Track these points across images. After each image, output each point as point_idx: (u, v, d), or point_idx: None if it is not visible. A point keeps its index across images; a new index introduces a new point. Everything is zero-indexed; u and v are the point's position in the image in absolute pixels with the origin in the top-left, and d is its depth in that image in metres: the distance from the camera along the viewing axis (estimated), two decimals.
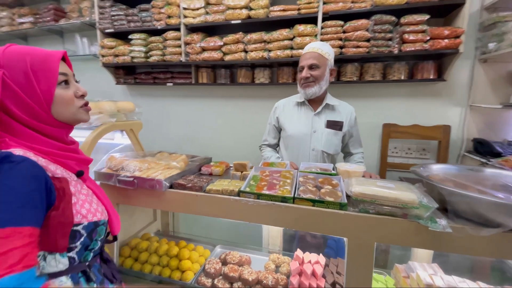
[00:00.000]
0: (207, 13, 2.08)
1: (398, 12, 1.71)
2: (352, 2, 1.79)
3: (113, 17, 2.33)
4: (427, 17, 1.65)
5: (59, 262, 0.66)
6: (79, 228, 0.67)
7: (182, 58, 2.19)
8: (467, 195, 0.77)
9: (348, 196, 0.95)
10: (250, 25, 2.04)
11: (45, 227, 0.61)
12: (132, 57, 2.34)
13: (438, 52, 1.68)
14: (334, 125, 1.48)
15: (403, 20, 1.70)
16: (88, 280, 0.71)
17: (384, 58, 1.94)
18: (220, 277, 1.13)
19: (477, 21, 1.80)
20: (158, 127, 2.68)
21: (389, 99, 2.05)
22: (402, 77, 1.89)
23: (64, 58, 0.74)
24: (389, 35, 1.75)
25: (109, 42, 2.39)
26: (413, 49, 1.69)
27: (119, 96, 2.78)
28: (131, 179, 1.10)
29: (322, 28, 1.86)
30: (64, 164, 0.71)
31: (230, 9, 2.00)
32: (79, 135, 1.26)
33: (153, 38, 2.27)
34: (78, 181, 0.75)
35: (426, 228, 0.80)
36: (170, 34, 2.19)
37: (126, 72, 2.60)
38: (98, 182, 1.17)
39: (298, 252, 1.18)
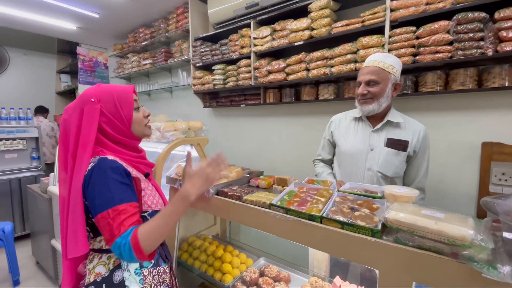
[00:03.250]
0: (273, 39, 2.26)
1: (489, 6, 1.38)
2: (427, 4, 1.58)
3: (201, 53, 2.84)
4: None
5: None
6: (146, 214, 0.91)
7: (252, 82, 2.43)
8: None
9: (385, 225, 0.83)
10: (313, 44, 2.08)
11: None
12: (214, 85, 2.76)
13: None
14: (396, 144, 1.30)
15: (498, 15, 1.36)
16: None
17: (479, 62, 1.58)
18: (255, 286, 1.17)
19: None
20: (235, 143, 3.00)
21: (489, 111, 1.62)
22: (507, 84, 1.48)
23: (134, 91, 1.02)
24: (480, 34, 1.42)
25: (198, 73, 2.90)
26: None
27: (205, 117, 3.29)
28: None
29: (389, 37, 1.70)
30: (137, 167, 0.99)
31: (293, 32, 2.11)
32: (160, 147, 1.61)
33: (229, 67, 2.62)
34: (146, 180, 1.01)
35: (480, 275, 0.62)
36: (243, 62, 2.48)
37: (211, 97, 3.07)
38: (168, 185, 1.45)
39: (337, 280, 1.08)
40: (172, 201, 0.85)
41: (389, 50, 1.71)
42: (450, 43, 1.53)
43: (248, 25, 2.41)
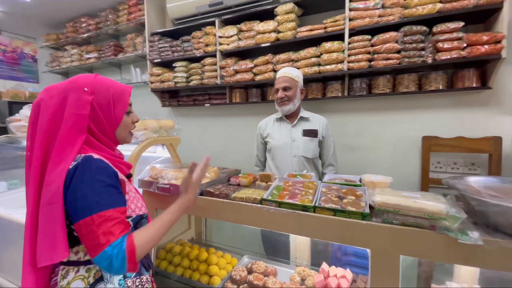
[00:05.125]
0: (239, 39, 2.28)
1: (429, 21, 1.66)
2: (380, 16, 1.80)
3: (160, 49, 2.68)
4: (461, 24, 1.58)
5: None
6: (129, 220, 0.82)
7: (218, 81, 2.40)
8: (500, 205, 0.71)
9: (372, 207, 0.93)
10: (278, 47, 2.16)
11: None
12: (176, 82, 2.63)
13: (479, 59, 1.57)
14: (310, 133, 1.70)
15: (436, 29, 1.64)
16: None
17: (419, 69, 1.87)
18: (245, 284, 1.16)
19: None
20: (197, 144, 2.90)
21: (427, 110, 1.93)
22: (441, 87, 1.79)
23: None
24: (421, 45, 1.69)
25: (156, 70, 2.73)
26: (449, 57, 1.61)
27: (164, 117, 3.10)
28: (168, 186, 1.23)
29: (349, 43, 1.89)
30: (119, 168, 0.89)
31: (260, 34, 2.16)
32: (127, 148, 1.47)
33: (193, 65, 2.54)
34: (128, 182, 0.91)
35: (456, 241, 0.75)
36: (208, 60, 2.43)
37: (171, 96, 2.91)
38: (140, 189, 1.33)
39: (324, 266, 1.15)
40: (173, 209, 0.85)
41: (349, 55, 1.90)
42: (398, 51, 1.78)
43: (212, 23, 2.37)
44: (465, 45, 1.57)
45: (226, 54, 2.40)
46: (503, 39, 1.50)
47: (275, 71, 2.17)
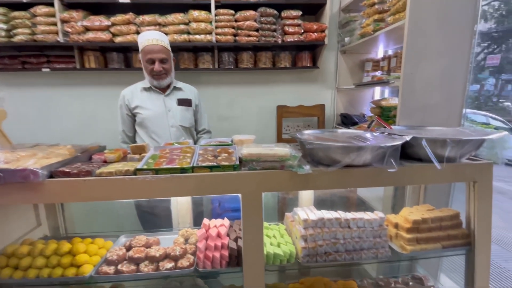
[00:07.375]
0: None
1: (279, 6, 1.98)
2: None
3: None
4: (300, 13, 1.99)
5: None
6: None
7: (60, 38, 1.89)
8: (320, 144, 1.02)
9: (241, 160, 1.09)
10: (141, 6, 1.94)
11: None
12: None
13: (311, 44, 2.05)
14: (185, 102, 1.70)
15: (283, 14, 1.99)
16: None
17: (272, 48, 2.22)
18: (125, 262, 1.10)
19: (337, 19, 2.29)
20: (35, 122, 2.23)
21: (280, 84, 2.36)
22: (288, 65, 2.21)
23: None
24: (273, 26, 2.01)
25: None
26: (292, 40, 2.01)
27: None
28: None
29: (215, 15, 1.96)
30: None
31: None
32: None
33: (17, 13, 1.86)
34: None
35: (297, 174, 1.02)
36: (41, 9, 1.84)
37: None
38: None
39: (205, 221, 1.26)
40: None
41: (216, 27, 1.97)
42: (257, 30, 2.03)
43: None
44: (302, 31, 2.00)
45: (70, 5, 1.90)
46: (326, 29, 2.02)
47: (138, 33, 1.95)
